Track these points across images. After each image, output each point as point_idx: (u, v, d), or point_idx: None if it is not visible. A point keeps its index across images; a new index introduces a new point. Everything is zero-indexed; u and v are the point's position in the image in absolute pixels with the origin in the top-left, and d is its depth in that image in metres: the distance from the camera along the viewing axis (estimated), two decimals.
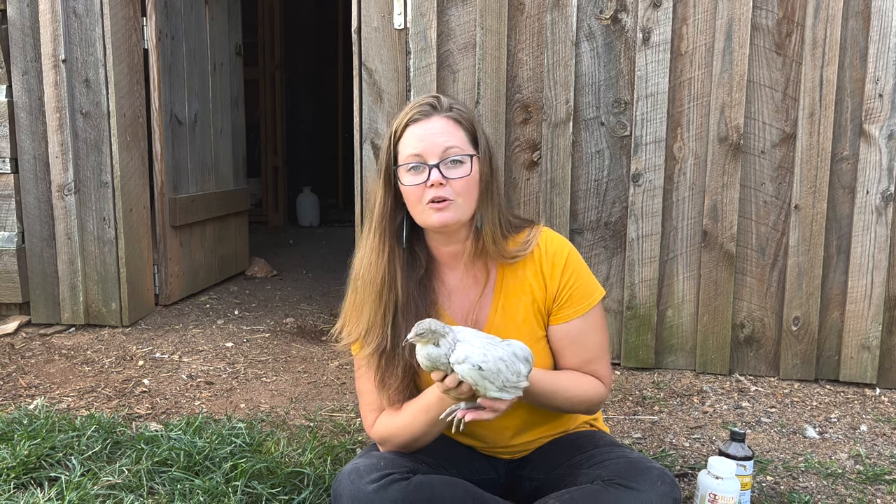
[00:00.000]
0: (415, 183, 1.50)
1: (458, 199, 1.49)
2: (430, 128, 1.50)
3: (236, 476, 1.89)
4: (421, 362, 1.38)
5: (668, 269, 2.81)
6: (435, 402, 1.49)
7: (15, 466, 1.94)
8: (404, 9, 2.79)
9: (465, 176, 1.50)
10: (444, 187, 1.48)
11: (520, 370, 1.37)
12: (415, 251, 1.59)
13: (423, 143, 1.49)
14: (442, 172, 1.48)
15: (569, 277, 1.58)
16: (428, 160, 1.49)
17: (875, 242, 2.66)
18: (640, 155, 2.75)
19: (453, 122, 1.53)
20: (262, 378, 2.80)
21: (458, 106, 1.56)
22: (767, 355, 2.80)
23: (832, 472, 2.09)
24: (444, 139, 1.50)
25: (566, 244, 1.61)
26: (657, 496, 1.41)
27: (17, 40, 3.17)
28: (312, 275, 4.64)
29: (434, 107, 1.53)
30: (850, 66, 2.62)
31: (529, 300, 1.59)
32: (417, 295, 1.56)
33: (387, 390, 1.56)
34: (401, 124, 1.53)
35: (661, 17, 2.67)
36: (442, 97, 1.56)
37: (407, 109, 1.54)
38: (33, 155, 3.24)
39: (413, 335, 1.35)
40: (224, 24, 4.21)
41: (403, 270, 1.55)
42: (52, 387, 2.67)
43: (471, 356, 1.32)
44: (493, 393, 1.35)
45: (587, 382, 1.59)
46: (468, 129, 1.54)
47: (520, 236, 1.61)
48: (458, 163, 1.50)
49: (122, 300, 3.32)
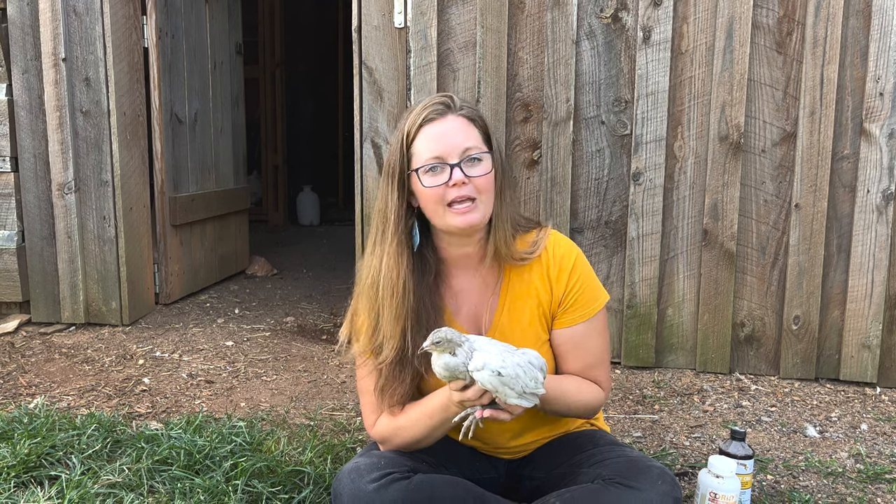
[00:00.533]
0: (436, 184, 1.47)
1: (481, 197, 1.48)
2: (446, 127, 1.48)
3: (237, 475, 1.89)
4: (438, 372, 1.37)
5: (668, 268, 2.81)
6: (439, 409, 1.48)
7: (15, 465, 1.94)
8: (404, 7, 2.79)
9: (487, 173, 1.49)
10: (466, 186, 1.46)
11: (537, 377, 1.38)
12: (424, 255, 1.56)
13: (441, 144, 1.47)
14: (464, 171, 1.46)
15: (575, 282, 1.57)
16: (448, 160, 1.47)
17: (876, 241, 2.66)
18: (641, 154, 2.75)
19: (468, 120, 1.51)
20: (262, 377, 2.80)
21: (468, 104, 1.54)
22: (768, 354, 2.80)
23: (832, 470, 2.09)
24: (463, 138, 1.48)
25: (573, 248, 1.60)
26: (658, 495, 1.41)
27: (17, 39, 3.16)
28: (313, 274, 4.64)
29: (448, 106, 1.50)
30: (850, 64, 2.61)
31: (535, 303, 1.58)
32: (427, 300, 1.54)
33: (389, 397, 1.54)
34: (414, 125, 1.49)
35: (661, 16, 2.67)
36: (454, 96, 1.53)
37: (419, 110, 1.50)
38: (33, 153, 3.24)
39: (429, 344, 1.35)
40: (224, 23, 4.20)
41: (414, 276, 1.53)
42: (53, 385, 2.67)
43: (489, 363, 1.33)
44: (513, 399, 1.36)
45: (588, 389, 1.60)
46: (481, 127, 1.53)
47: (528, 237, 1.60)
48: (478, 161, 1.48)
49: (122, 299, 3.32)
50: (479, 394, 1.36)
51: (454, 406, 1.44)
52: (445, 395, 1.46)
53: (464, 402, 1.39)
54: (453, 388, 1.39)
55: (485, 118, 1.56)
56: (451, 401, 1.43)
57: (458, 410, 1.44)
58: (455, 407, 1.44)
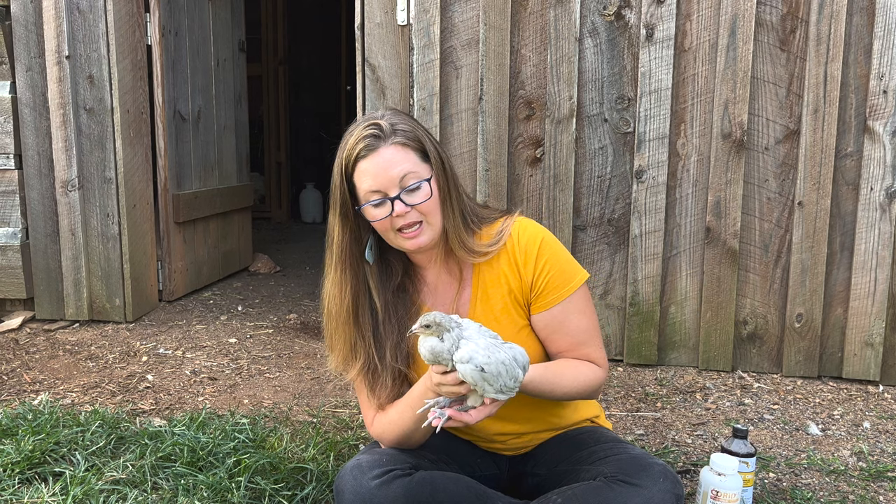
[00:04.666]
0: (381, 217, 1.52)
1: (427, 219, 1.52)
2: (380, 161, 1.49)
3: (240, 471, 1.90)
4: (423, 355, 1.38)
5: (671, 266, 2.81)
6: (418, 398, 1.50)
7: (19, 461, 1.95)
8: (407, 5, 2.79)
9: (427, 199, 1.51)
10: (410, 213, 1.50)
11: (517, 376, 1.38)
12: (388, 260, 1.63)
13: (378, 179, 1.49)
14: (404, 202, 1.49)
15: (542, 266, 1.58)
16: (388, 193, 1.50)
17: (879, 239, 2.65)
18: (644, 151, 2.74)
19: (400, 147, 1.50)
20: (265, 374, 2.81)
21: (400, 125, 1.52)
22: (770, 352, 2.80)
23: (835, 468, 2.09)
24: (398, 169, 1.49)
25: (539, 232, 1.61)
26: (659, 492, 1.41)
27: (20, 36, 3.17)
28: (316, 271, 4.64)
29: (377, 137, 1.50)
30: (854, 62, 2.61)
31: (506, 290, 1.60)
32: (395, 301, 1.61)
33: (378, 398, 1.60)
34: (350, 159, 1.51)
35: (664, 13, 2.67)
36: (381, 121, 1.51)
37: (352, 142, 1.50)
38: (37, 151, 3.24)
39: (418, 326, 1.37)
40: (227, 20, 4.21)
41: (378, 283, 1.60)
42: (57, 382, 2.68)
43: (475, 357, 1.33)
44: (490, 394, 1.36)
45: (585, 370, 1.59)
46: (416, 147, 1.52)
47: (493, 227, 1.62)
48: (417, 188, 1.50)
49: (125, 296, 3.33)
50: (456, 382, 1.37)
51: (431, 392, 1.45)
52: (425, 383, 1.47)
53: (441, 385, 1.40)
54: (435, 370, 1.40)
55: (418, 134, 1.53)
56: (430, 385, 1.44)
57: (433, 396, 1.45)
58: (432, 393, 1.45)
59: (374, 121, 1.52)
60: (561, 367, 1.59)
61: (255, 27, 6.09)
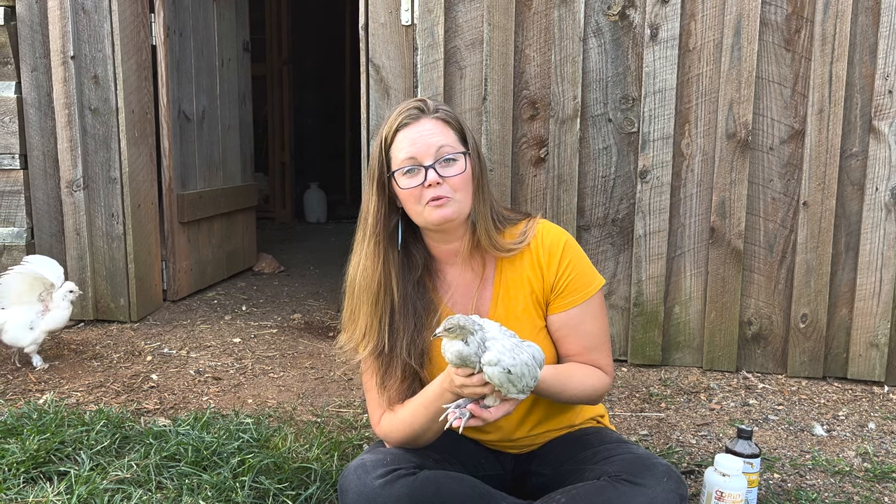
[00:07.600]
0: (412, 185, 1.53)
1: (455, 195, 1.54)
2: (421, 130, 1.54)
3: (244, 471, 1.90)
4: (449, 359, 1.38)
5: (675, 266, 2.81)
6: (434, 398, 1.49)
7: (24, 461, 1.95)
8: (412, 5, 2.79)
9: (461, 173, 1.54)
10: (441, 186, 1.52)
11: (537, 375, 1.40)
12: (411, 252, 1.63)
13: (416, 146, 1.53)
14: (438, 172, 1.52)
15: (566, 267, 1.60)
16: (423, 161, 1.52)
17: (884, 239, 2.64)
18: (648, 151, 2.74)
19: (442, 122, 1.56)
20: (269, 374, 2.81)
21: (443, 107, 1.60)
22: (775, 352, 2.79)
23: (839, 469, 2.09)
24: (436, 139, 1.53)
25: (562, 234, 1.64)
26: (664, 492, 1.41)
27: (25, 37, 3.18)
28: (320, 271, 4.65)
29: (421, 110, 1.56)
30: (859, 62, 2.60)
31: (528, 291, 1.61)
32: (415, 295, 1.61)
33: (387, 391, 1.59)
34: (391, 130, 1.56)
35: (669, 13, 2.66)
36: (428, 100, 1.59)
37: (395, 115, 1.57)
38: (42, 151, 3.25)
39: (441, 330, 1.37)
40: (232, 20, 4.21)
41: (399, 273, 1.60)
42: (62, 382, 2.69)
43: (503, 360, 1.34)
44: (512, 394, 1.38)
45: (592, 375, 1.61)
46: (456, 128, 1.58)
47: (516, 228, 1.64)
48: (452, 161, 1.54)
49: (130, 296, 3.34)
50: (481, 383, 1.38)
51: (450, 393, 1.45)
52: (441, 383, 1.47)
53: (465, 386, 1.40)
54: (460, 373, 1.40)
55: (460, 119, 1.61)
56: (450, 386, 1.44)
57: (453, 399, 1.45)
58: (450, 394, 1.45)
59: (421, 99, 1.60)
60: (570, 370, 1.60)
61: (260, 27, 6.10)
